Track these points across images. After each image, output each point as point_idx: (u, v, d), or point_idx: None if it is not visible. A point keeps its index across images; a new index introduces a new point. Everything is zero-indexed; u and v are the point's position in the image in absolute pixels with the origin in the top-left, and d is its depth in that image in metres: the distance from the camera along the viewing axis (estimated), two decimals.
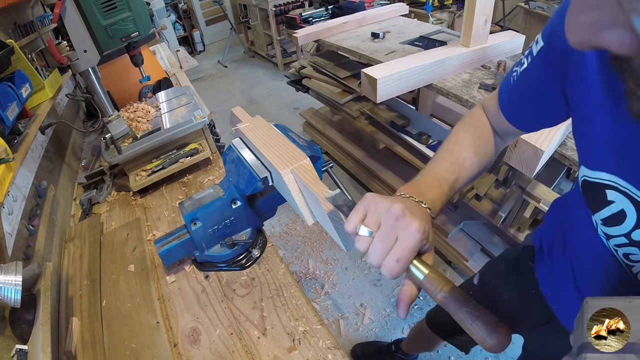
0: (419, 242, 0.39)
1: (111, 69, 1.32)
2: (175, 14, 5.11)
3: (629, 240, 0.41)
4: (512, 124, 0.55)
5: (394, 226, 0.39)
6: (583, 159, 0.44)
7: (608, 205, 0.40)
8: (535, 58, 0.47)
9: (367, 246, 0.40)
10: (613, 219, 0.41)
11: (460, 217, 1.77)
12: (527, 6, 3.06)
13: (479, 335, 0.36)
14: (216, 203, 0.75)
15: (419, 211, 0.42)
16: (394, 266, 0.38)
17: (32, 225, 0.88)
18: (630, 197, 0.38)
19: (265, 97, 3.86)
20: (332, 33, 1.92)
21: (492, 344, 0.35)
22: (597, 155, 0.41)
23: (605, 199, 0.40)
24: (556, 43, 0.43)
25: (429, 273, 0.39)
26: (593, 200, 0.43)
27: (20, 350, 0.60)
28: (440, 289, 0.38)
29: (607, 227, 0.43)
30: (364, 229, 0.40)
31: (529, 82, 0.50)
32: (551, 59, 0.45)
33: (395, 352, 1.41)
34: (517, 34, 1.45)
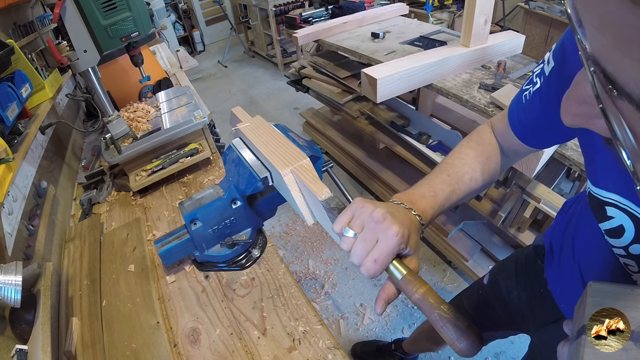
0: (397, 245, 0.41)
1: (111, 69, 1.32)
2: (175, 14, 5.11)
3: (626, 253, 0.43)
4: (524, 143, 0.55)
5: (374, 229, 0.41)
6: (588, 175, 0.45)
7: (608, 220, 0.42)
8: (547, 78, 0.48)
9: (350, 246, 0.42)
10: (613, 232, 0.43)
11: (460, 217, 1.77)
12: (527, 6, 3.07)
13: (449, 338, 0.37)
14: (216, 203, 0.75)
15: (403, 217, 0.43)
16: (372, 266, 0.40)
17: (32, 225, 0.88)
18: (629, 214, 0.39)
19: (265, 97, 3.86)
20: (332, 33, 1.92)
21: (460, 347, 0.36)
22: (599, 174, 0.42)
23: (605, 214, 0.42)
24: (567, 64, 0.44)
25: (406, 274, 0.41)
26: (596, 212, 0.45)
27: (20, 350, 0.60)
28: (416, 291, 0.40)
29: (609, 237, 0.44)
30: (348, 231, 0.42)
31: (542, 102, 0.49)
32: (562, 78, 0.45)
33: (395, 351, 1.41)
34: (517, 34, 1.45)
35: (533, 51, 3.15)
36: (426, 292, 0.40)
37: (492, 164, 0.59)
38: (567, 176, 1.90)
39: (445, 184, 0.54)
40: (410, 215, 0.46)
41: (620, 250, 0.44)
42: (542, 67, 0.49)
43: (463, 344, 0.36)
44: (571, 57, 0.43)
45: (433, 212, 0.49)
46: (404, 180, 2.04)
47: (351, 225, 0.43)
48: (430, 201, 0.50)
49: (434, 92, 1.37)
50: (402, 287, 0.41)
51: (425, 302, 0.39)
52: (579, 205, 0.63)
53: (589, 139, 0.43)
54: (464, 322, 0.37)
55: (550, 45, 3.43)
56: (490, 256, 1.70)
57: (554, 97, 0.47)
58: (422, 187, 0.53)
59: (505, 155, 0.61)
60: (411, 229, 0.43)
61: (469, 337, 0.36)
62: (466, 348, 0.36)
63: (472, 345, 0.36)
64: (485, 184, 0.59)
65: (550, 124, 0.50)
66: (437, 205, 0.51)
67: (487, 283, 0.88)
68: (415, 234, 0.44)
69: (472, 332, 0.36)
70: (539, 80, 0.49)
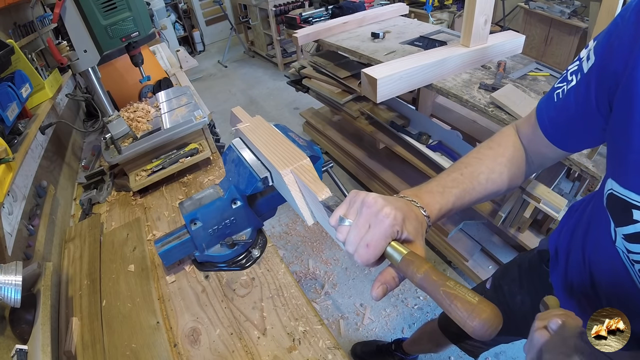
0: (390, 227, 0.39)
1: (111, 69, 1.32)
2: (175, 14, 5.11)
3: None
4: (554, 144, 0.52)
5: (366, 214, 0.40)
6: (614, 174, 0.42)
7: (633, 224, 0.40)
8: (585, 75, 0.45)
9: (345, 235, 0.41)
10: (636, 237, 0.40)
11: (460, 217, 1.77)
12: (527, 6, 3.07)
13: (459, 317, 0.32)
14: (216, 203, 0.75)
15: (399, 203, 0.42)
16: (364, 251, 0.39)
17: (32, 225, 0.88)
18: None
19: (265, 97, 3.86)
20: (332, 33, 1.92)
21: (474, 327, 0.31)
22: (630, 175, 0.40)
23: (630, 218, 0.40)
24: (612, 59, 0.41)
25: (406, 255, 0.38)
26: (618, 214, 0.42)
27: (20, 350, 0.60)
28: (417, 270, 0.36)
29: (629, 243, 0.42)
30: (343, 220, 0.41)
31: (578, 100, 0.46)
32: (603, 75, 0.42)
33: (395, 351, 1.41)
34: (517, 34, 1.45)
35: (533, 51, 3.16)
36: (428, 269, 0.36)
37: (515, 167, 0.55)
38: (567, 176, 1.90)
39: (457, 182, 0.51)
40: (412, 206, 0.44)
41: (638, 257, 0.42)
42: (579, 64, 0.46)
43: (475, 321, 0.30)
44: (616, 51, 0.40)
45: (439, 207, 0.47)
46: (404, 180, 2.04)
47: (346, 214, 0.42)
48: (437, 196, 0.48)
49: (434, 92, 1.37)
50: (402, 270, 0.38)
51: (428, 281, 0.35)
52: (588, 207, 0.60)
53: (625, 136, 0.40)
54: (474, 296, 0.32)
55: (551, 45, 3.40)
56: (490, 256, 1.70)
57: (593, 95, 0.44)
58: (430, 183, 0.51)
59: (529, 162, 0.57)
60: (408, 214, 0.41)
61: (483, 312, 0.30)
62: (480, 326, 0.30)
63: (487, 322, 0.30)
64: (506, 187, 0.55)
65: (586, 124, 0.47)
66: (445, 202, 0.48)
67: (490, 287, 0.87)
68: (414, 220, 0.42)
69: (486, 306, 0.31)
70: (574, 77, 0.46)
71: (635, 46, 0.37)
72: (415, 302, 1.69)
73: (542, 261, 0.72)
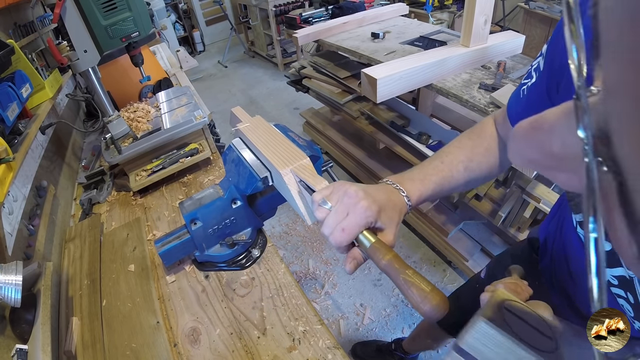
0: (365, 217, 0.43)
1: (111, 69, 1.32)
2: (175, 14, 5.11)
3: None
4: None
5: (346, 203, 0.44)
6: None
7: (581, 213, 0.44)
8: (541, 72, 0.48)
9: (324, 216, 0.45)
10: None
11: (460, 217, 1.77)
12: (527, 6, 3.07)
13: (412, 301, 0.38)
14: (216, 203, 0.75)
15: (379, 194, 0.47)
16: (339, 234, 0.43)
17: (33, 225, 0.88)
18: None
19: (265, 97, 3.86)
20: (332, 33, 1.92)
21: (425, 310, 0.37)
22: None
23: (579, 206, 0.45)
24: (557, 56, 0.45)
25: (374, 242, 0.43)
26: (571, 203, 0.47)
27: (20, 350, 0.60)
28: (382, 257, 0.41)
29: (581, 229, 0.47)
30: (325, 202, 0.46)
31: (538, 95, 0.50)
32: (552, 70, 0.46)
33: (395, 351, 1.41)
34: (517, 34, 1.45)
35: (533, 51, 3.15)
36: (392, 258, 0.41)
37: (492, 156, 0.59)
38: None
39: (437, 169, 0.56)
40: (394, 193, 0.49)
41: None
42: (539, 61, 0.49)
43: (427, 306, 0.37)
44: (562, 45, 0.43)
45: (420, 193, 0.52)
46: None
47: (328, 198, 0.46)
48: (417, 184, 0.53)
49: (434, 92, 1.37)
50: (370, 255, 0.43)
51: (391, 268, 0.41)
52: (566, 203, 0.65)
53: None
54: (428, 285, 0.38)
55: None
56: (490, 256, 1.70)
57: (544, 90, 0.47)
58: (413, 171, 0.56)
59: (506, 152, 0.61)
60: (385, 205, 0.46)
61: (433, 299, 0.37)
62: (430, 310, 0.37)
63: (436, 307, 0.37)
64: (484, 175, 0.59)
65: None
66: (425, 189, 0.53)
67: (484, 277, 0.89)
68: (390, 210, 0.47)
69: (436, 294, 0.37)
70: (535, 74, 0.50)
71: None
72: None
73: (533, 249, 0.74)
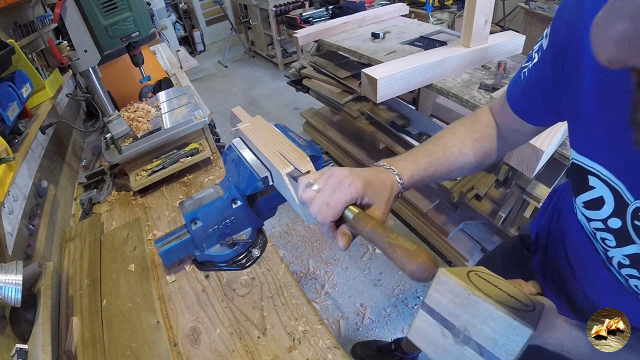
0: (349, 193, 0.44)
1: (112, 68, 1.32)
2: (175, 14, 5.11)
3: (604, 226, 0.43)
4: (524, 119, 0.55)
5: (332, 184, 0.45)
6: (572, 142, 0.46)
7: (589, 190, 0.43)
8: (544, 51, 0.48)
9: (311, 198, 0.46)
10: (593, 204, 0.43)
11: (460, 217, 1.77)
12: (528, 6, 3.06)
13: (399, 262, 0.38)
14: (216, 203, 0.75)
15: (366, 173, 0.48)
16: (325, 209, 0.44)
17: (33, 224, 0.88)
18: (609, 186, 0.40)
19: (265, 97, 3.86)
20: (333, 33, 1.92)
21: (412, 269, 0.37)
22: (583, 142, 0.43)
23: (587, 184, 0.43)
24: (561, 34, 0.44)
25: (357, 214, 0.44)
26: (577, 182, 0.45)
27: (20, 350, 0.60)
28: (365, 225, 0.42)
29: (587, 210, 0.45)
30: (312, 185, 0.47)
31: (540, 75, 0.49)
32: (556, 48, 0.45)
33: (395, 351, 1.41)
34: (517, 34, 1.45)
35: None
36: (375, 224, 0.42)
37: (486, 142, 0.59)
38: (567, 176, 1.90)
39: (429, 152, 0.56)
40: (385, 172, 0.50)
41: (598, 224, 0.44)
42: (541, 42, 0.49)
43: (413, 265, 0.37)
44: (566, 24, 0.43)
45: (412, 173, 0.52)
46: None
47: (316, 181, 0.47)
48: (410, 163, 0.53)
49: (434, 92, 1.37)
50: (354, 226, 0.44)
51: (375, 234, 0.41)
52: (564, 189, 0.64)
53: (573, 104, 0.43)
54: (412, 245, 0.38)
55: None
56: None
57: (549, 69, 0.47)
58: (405, 154, 0.56)
59: (502, 139, 0.60)
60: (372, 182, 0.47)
61: (419, 257, 0.37)
62: (416, 269, 0.36)
63: (422, 265, 0.36)
64: (478, 162, 0.59)
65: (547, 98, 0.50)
66: (417, 168, 0.53)
67: None
68: (380, 186, 0.47)
69: (421, 253, 0.37)
70: (537, 55, 0.50)
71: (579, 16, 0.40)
72: (415, 302, 1.69)
73: (524, 246, 0.74)
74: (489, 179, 1.47)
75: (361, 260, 1.93)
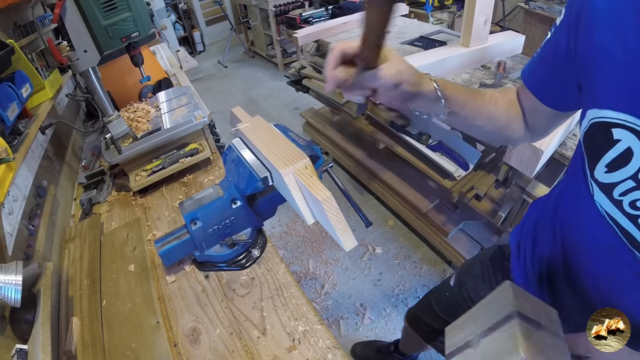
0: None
1: (111, 69, 1.32)
2: (175, 14, 5.11)
3: (636, 183, 0.39)
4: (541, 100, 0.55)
5: None
6: (591, 102, 0.43)
7: (614, 146, 0.40)
8: (557, 28, 0.49)
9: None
10: (618, 161, 0.40)
11: (460, 217, 1.77)
12: (527, 6, 3.07)
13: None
14: (216, 203, 0.75)
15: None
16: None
17: (33, 225, 0.88)
18: (638, 134, 0.37)
19: (265, 97, 3.86)
20: (332, 33, 1.92)
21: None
22: (607, 94, 0.41)
23: (611, 139, 0.40)
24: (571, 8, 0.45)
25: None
26: (599, 143, 0.42)
27: (20, 350, 0.60)
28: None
29: (611, 172, 0.41)
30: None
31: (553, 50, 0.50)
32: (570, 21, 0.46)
33: (394, 352, 1.41)
34: (517, 34, 1.45)
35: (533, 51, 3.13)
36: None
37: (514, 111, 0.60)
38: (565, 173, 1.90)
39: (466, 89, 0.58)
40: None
41: (626, 184, 0.40)
42: (555, 22, 0.50)
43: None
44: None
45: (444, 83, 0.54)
46: (404, 180, 2.04)
47: None
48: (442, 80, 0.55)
49: None
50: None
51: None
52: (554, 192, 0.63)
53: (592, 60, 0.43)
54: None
55: None
56: None
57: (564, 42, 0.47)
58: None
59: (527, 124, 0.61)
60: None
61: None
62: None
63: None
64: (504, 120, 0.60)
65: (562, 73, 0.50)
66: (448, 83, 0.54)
67: (453, 285, 0.88)
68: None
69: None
70: (550, 33, 0.51)
71: None
72: (415, 302, 1.69)
73: (504, 257, 0.74)
74: (488, 179, 1.47)
75: (361, 260, 1.93)
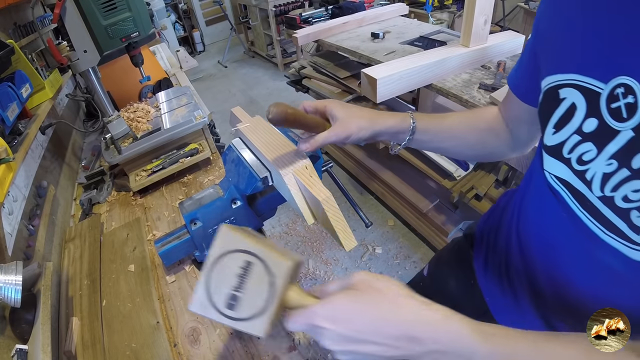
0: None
1: (111, 69, 1.32)
2: (175, 14, 5.11)
3: (581, 137, 0.40)
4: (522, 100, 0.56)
5: None
6: (545, 71, 0.46)
7: (560, 105, 0.43)
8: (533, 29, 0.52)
9: None
10: (564, 118, 0.42)
11: (460, 217, 1.78)
12: (527, 6, 3.07)
13: None
14: (216, 203, 0.75)
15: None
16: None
17: (32, 225, 0.88)
18: (581, 88, 0.40)
19: (265, 98, 3.86)
20: (332, 33, 1.92)
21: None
22: (555, 60, 0.45)
23: (558, 99, 0.43)
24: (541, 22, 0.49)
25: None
26: (547, 107, 0.45)
27: (20, 350, 0.60)
28: None
29: (558, 132, 0.43)
30: None
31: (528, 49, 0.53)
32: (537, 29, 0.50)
33: None
34: (517, 34, 1.45)
35: None
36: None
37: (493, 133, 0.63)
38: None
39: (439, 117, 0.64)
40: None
41: (573, 139, 0.41)
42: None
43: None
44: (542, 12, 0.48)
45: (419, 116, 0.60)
46: (404, 180, 2.04)
47: None
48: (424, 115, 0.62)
49: (434, 92, 1.37)
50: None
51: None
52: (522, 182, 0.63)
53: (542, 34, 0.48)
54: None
55: None
56: None
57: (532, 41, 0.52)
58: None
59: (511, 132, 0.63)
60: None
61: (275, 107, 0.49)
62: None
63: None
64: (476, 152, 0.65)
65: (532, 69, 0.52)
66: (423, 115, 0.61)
67: (426, 274, 0.88)
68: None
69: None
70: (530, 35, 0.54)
71: None
72: None
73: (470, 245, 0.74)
74: (488, 179, 1.47)
75: (361, 260, 1.93)
